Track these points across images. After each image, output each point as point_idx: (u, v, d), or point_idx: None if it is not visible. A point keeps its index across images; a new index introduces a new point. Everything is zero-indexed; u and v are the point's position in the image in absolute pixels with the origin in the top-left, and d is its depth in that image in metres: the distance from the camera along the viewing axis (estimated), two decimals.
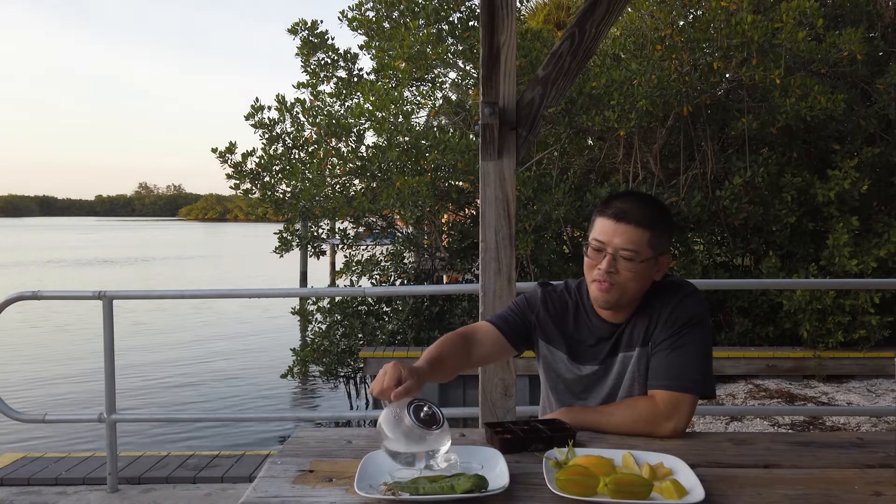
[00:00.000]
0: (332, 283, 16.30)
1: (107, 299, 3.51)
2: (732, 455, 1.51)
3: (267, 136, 9.22)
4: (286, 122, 9.29)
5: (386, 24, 9.40)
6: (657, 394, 1.66)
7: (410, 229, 9.65)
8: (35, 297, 3.58)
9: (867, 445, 1.57)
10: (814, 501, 1.27)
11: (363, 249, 9.71)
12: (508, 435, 1.53)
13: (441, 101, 10.10)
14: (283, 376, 8.69)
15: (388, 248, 9.59)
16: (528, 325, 1.83)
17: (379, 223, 9.73)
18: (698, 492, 1.25)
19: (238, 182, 9.11)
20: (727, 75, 8.41)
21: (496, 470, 1.35)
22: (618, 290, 1.66)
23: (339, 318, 8.79)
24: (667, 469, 1.36)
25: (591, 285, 1.71)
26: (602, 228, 1.67)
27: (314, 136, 9.04)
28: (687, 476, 1.32)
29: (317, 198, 8.73)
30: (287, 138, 9.30)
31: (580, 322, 1.80)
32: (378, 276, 9.07)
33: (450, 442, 1.38)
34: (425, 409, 1.38)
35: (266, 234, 11.14)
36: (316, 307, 9.11)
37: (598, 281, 1.67)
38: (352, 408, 9.36)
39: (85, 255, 39.58)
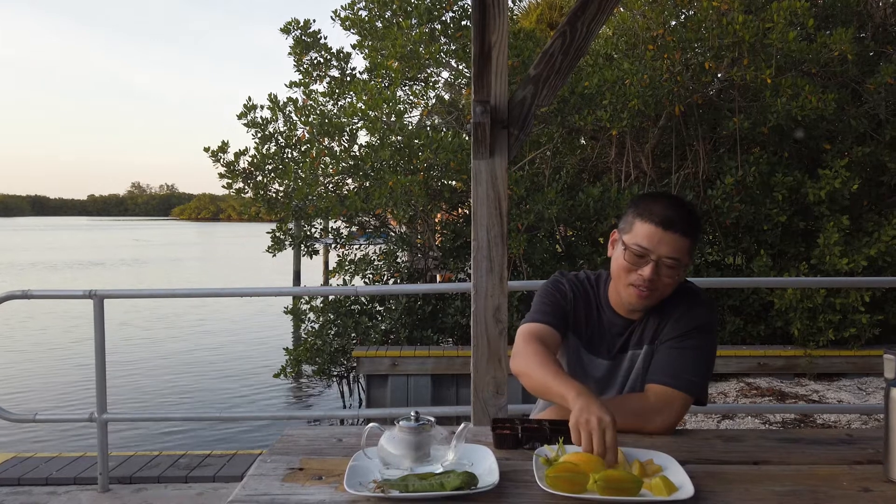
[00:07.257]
0: (326, 283, 16.28)
1: (98, 298, 3.49)
2: (722, 452, 1.52)
3: (259, 135, 9.20)
4: (279, 121, 9.27)
5: (378, 24, 9.39)
6: (651, 388, 1.67)
7: (403, 228, 9.64)
8: (25, 296, 3.56)
9: (856, 442, 1.58)
10: (802, 497, 1.27)
11: (356, 249, 9.70)
12: (508, 432, 1.53)
13: (434, 101, 10.09)
14: (276, 375, 8.67)
15: (381, 248, 9.58)
16: (566, 313, 1.82)
17: (372, 222, 9.73)
18: (688, 488, 1.26)
19: (231, 181, 9.09)
20: (719, 75, 8.44)
21: (486, 467, 1.36)
22: (656, 296, 1.68)
23: (332, 317, 8.77)
24: (656, 466, 1.36)
25: (626, 289, 1.70)
26: (647, 235, 1.64)
27: (307, 135, 9.02)
28: (676, 473, 1.33)
29: (309, 197, 8.71)
30: (280, 137, 9.28)
31: (593, 314, 1.82)
32: (371, 276, 9.06)
33: (444, 432, 1.41)
34: (407, 418, 1.39)
35: (259, 233, 11.11)
36: (309, 306, 9.09)
37: (636, 287, 1.67)
38: (345, 406, 9.35)
39: (77, 256, 39.34)
